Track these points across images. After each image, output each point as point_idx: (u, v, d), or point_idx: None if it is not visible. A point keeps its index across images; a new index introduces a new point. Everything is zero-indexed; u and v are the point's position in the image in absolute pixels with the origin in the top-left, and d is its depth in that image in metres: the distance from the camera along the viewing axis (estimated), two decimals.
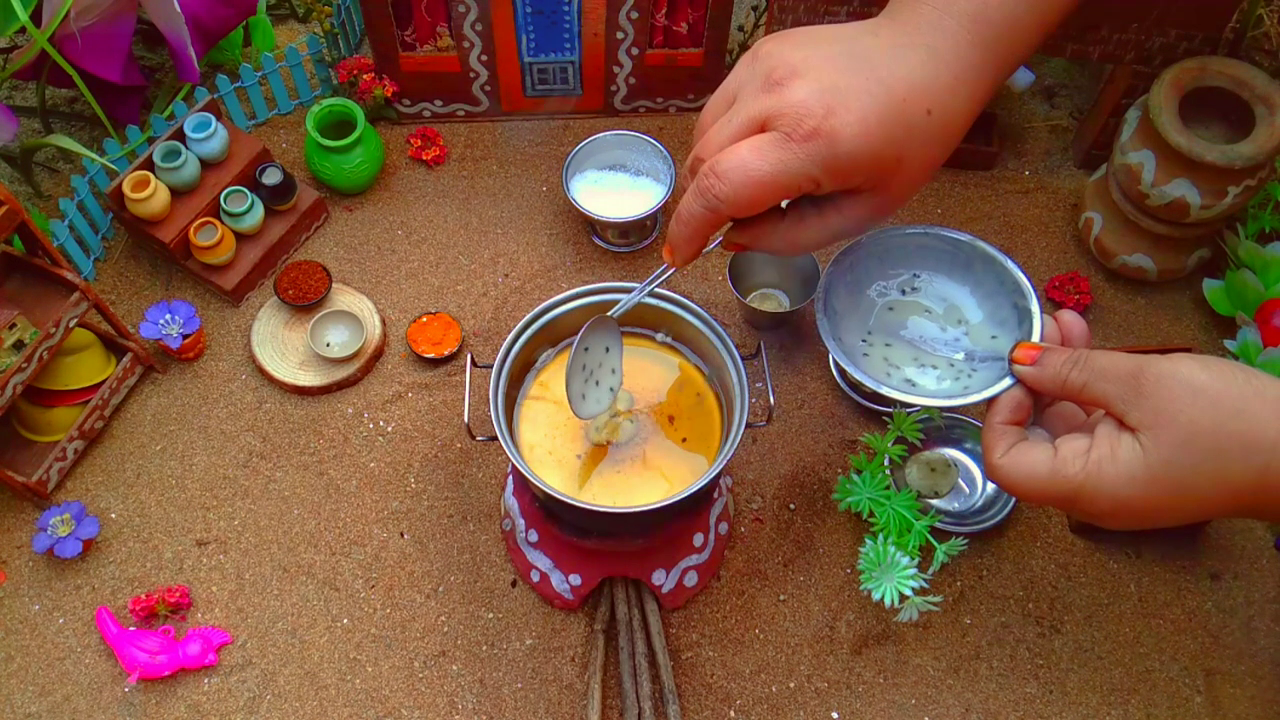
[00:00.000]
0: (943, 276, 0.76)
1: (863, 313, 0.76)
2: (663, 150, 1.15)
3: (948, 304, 0.76)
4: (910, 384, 0.72)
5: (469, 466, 1.05)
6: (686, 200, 0.67)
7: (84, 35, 1.08)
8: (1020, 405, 0.67)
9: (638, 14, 1.14)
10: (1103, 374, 0.62)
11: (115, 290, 1.15)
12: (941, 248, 0.75)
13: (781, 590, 0.99)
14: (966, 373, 0.72)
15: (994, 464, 0.65)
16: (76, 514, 0.98)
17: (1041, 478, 0.63)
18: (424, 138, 1.24)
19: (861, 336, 0.75)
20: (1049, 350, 0.66)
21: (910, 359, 0.74)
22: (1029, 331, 0.70)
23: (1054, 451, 0.63)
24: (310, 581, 0.99)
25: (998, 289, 0.74)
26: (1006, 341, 0.72)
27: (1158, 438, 0.59)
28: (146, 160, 1.10)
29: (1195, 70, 1.02)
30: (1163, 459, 0.59)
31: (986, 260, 0.74)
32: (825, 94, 0.63)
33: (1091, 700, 0.94)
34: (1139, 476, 0.59)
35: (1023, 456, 0.64)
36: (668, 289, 0.89)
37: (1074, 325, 0.69)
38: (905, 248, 0.76)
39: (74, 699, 0.94)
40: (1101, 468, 0.61)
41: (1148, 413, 0.59)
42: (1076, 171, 1.24)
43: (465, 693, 0.94)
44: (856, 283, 0.77)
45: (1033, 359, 0.66)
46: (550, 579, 0.95)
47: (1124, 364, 0.61)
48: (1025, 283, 0.72)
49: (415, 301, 1.15)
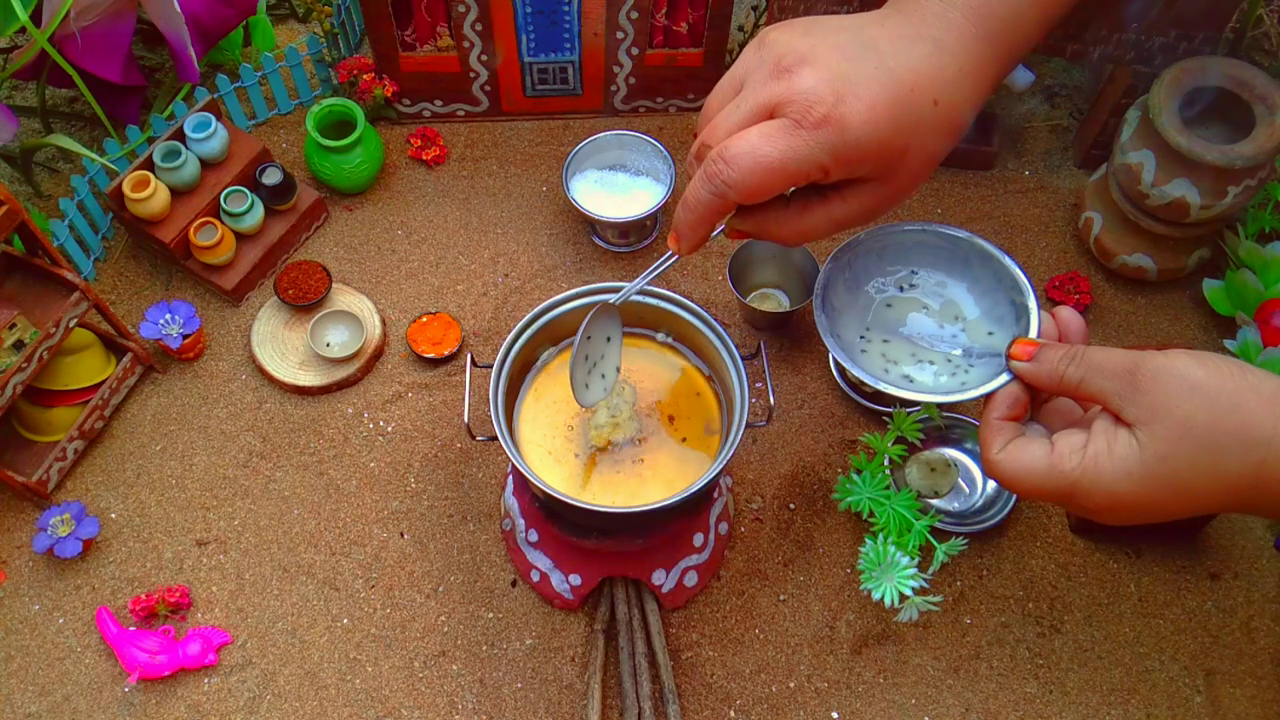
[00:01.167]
0: (940, 273, 0.77)
1: (860, 309, 0.77)
2: (663, 150, 1.15)
3: (945, 300, 0.76)
4: (908, 380, 0.73)
5: (469, 466, 1.05)
6: (693, 186, 0.67)
7: (84, 35, 1.08)
8: (1017, 401, 0.67)
9: (638, 14, 1.14)
10: (1099, 369, 0.62)
11: (115, 290, 1.15)
12: (939, 245, 0.76)
13: (781, 590, 0.99)
14: (964, 369, 0.72)
15: (991, 459, 0.65)
16: (76, 514, 0.98)
17: (1038, 473, 0.63)
18: (424, 138, 1.24)
19: (860, 333, 0.75)
20: (1046, 346, 0.66)
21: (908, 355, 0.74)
22: (1026, 328, 0.70)
23: (1051, 447, 0.63)
24: (310, 581, 0.99)
25: (995, 286, 0.74)
26: (1003, 338, 0.72)
27: (1154, 433, 0.59)
28: (146, 160, 1.10)
29: (1195, 70, 1.02)
30: (1159, 454, 0.59)
31: (984, 257, 0.74)
32: (835, 81, 0.63)
33: (1091, 700, 0.94)
34: (1135, 472, 0.60)
35: (1020, 452, 0.64)
36: (668, 289, 0.89)
37: (1071, 321, 0.69)
38: (903, 244, 0.77)
39: (74, 699, 0.94)
40: (1098, 463, 0.61)
41: (1144, 408, 0.59)
42: (1076, 171, 1.24)
43: (465, 693, 0.94)
44: (854, 279, 0.77)
45: (1029, 355, 0.67)
46: (550, 579, 0.95)
47: (1120, 359, 0.61)
48: (1023, 279, 0.73)
49: (415, 301, 1.15)
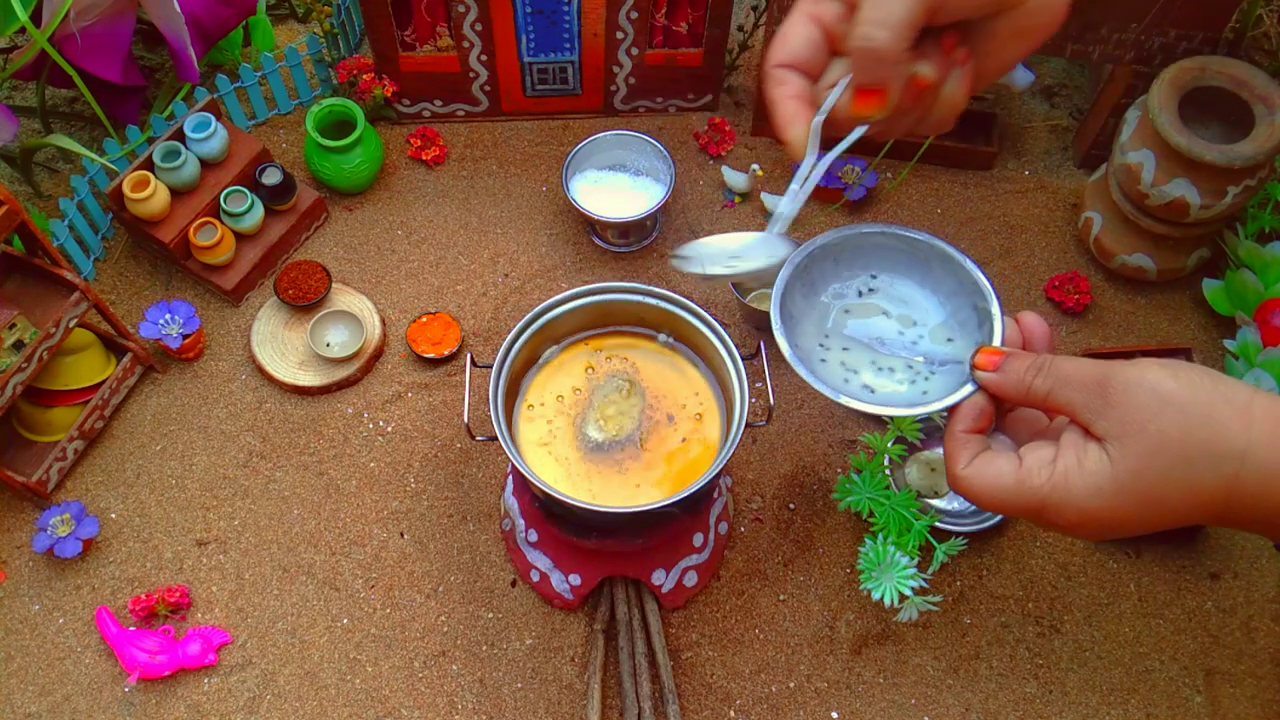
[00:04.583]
0: (901, 277, 0.74)
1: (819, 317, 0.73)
2: (663, 150, 1.15)
3: (906, 305, 0.74)
4: (869, 390, 0.71)
5: (469, 466, 1.05)
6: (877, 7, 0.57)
7: (84, 35, 1.08)
8: (983, 413, 0.65)
9: (638, 14, 1.14)
10: (1067, 381, 0.60)
11: (115, 290, 1.15)
12: (899, 247, 0.73)
13: (781, 590, 0.99)
14: (924, 375, 0.70)
15: (957, 474, 0.63)
16: (76, 514, 0.98)
17: (1006, 489, 0.61)
18: (424, 138, 1.24)
19: (819, 341, 0.73)
20: (1011, 356, 0.64)
21: (868, 362, 0.72)
22: (990, 334, 0.67)
23: (1019, 462, 0.61)
24: (310, 581, 0.99)
25: (957, 289, 0.72)
26: (965, 344, 0.71)
27: (1125, 448, 0.57)
28: (146, 160, 1.10)
29: (1195, 70, 1.02)
30: (1130, 470, 0.57)
31: (945, 260, 0.72)
32: None
33: (1091, 700, 0.94)
34: (1106, 488, 0.58)
35: (987, 467, 0.62)
36: (668, 289, 0.89)
37: (1036, 327, 0.67)
38: (861, 248, 0.73)
39: (74, 699, 0.94)
40: (1068, 479, 0.59)
41: (1114, 422, 0.58)
42: (1076, 171, 1.24)
43: (465, 693, 0.94)
44: (811, 286, 0.74)
45: (995, 365, 0.64)
46: (550, 579, 0.95)
47: (1089, 371, 0.60)
48: (985, 283, 0.70)
49: (415, 301, 1.15)
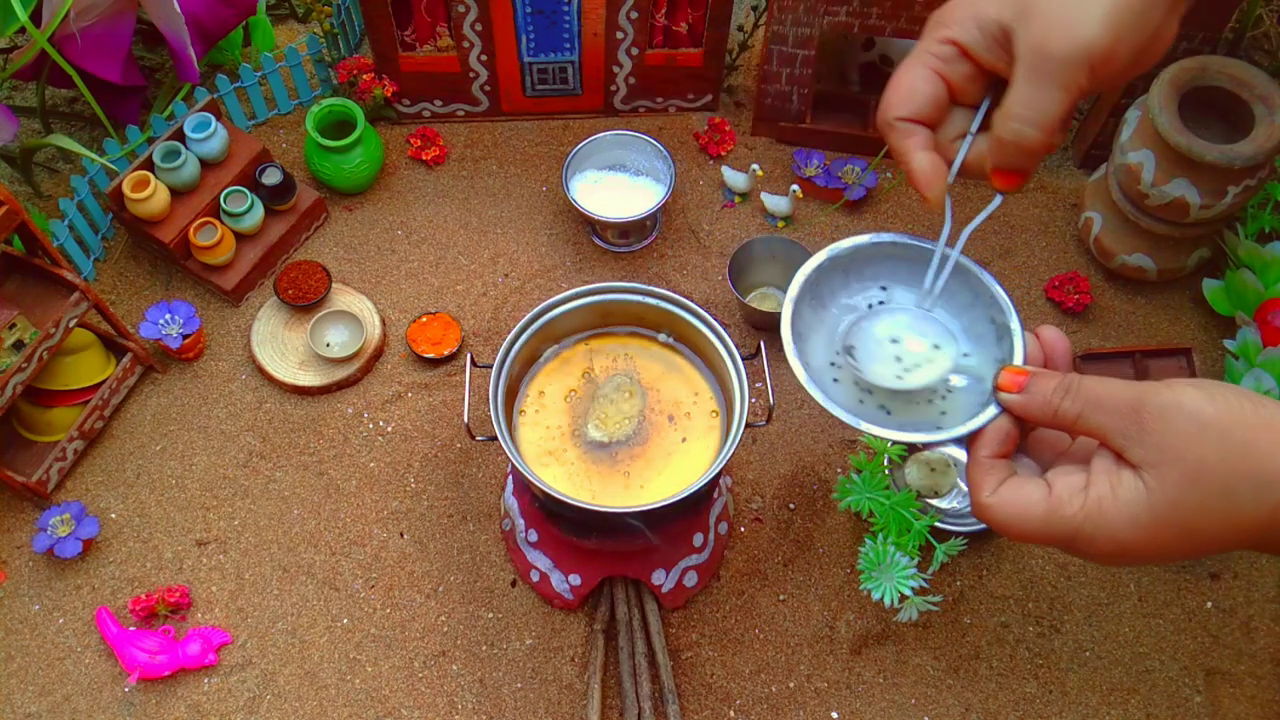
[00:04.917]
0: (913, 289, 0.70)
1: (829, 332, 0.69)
2: (663, 150, 1.15)
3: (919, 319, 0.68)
4: (885, 411, 0.66)
5: (469, 466, 1.05)
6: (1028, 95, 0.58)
7: (84, 35, 1.08)
8: (1008, 437, 0.61)
9: (638, 14, 1.14)
10: (1098, 405, 0.57)
11: (115, 290, 1.15)
12: (910, 258, 0.69)
13: (781, 590, 0.99)
14: (941, 394, 0.66)
15: (983, 503, 0.59)
16: (76, 514, 0.98)
17: (1036, 518, 0.58)
18: (424, 138, 1.24)
19: (830, 359, 0.68)
20: (1036, 376, 0.60)
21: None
22: (1009, 350, 0.64)
23: (1048, 489, 0.58)
24: (310, 581, 0.99)
25: (973, 302, 0.68)
26: (981, 360, 0.67)
27: (1163, 476, 0.54)
28: (146, 160, 1.10)
29: (1195, 70, 1.02)
30: (1168, 499, 0.54)
31: (960, 271, 0.68)
32: None
33: (1091, 700, 0.94)
34: (1143, 518, 0.55)
35: (1014, 495, 0.59)
36: (668, 289, 0.89)
37: (1057, 343, 0.63)
38: (871, 259, 0.70)
39: (74, 699, 0.94)
40: (1102, 507, 0.56)
41: (1151, 449, 0.55)
42: (1076, 171, 1.24)
43: (465, 693, 0.94)
44: (819, 299, 0.70)
45: (1020, 386, 0.60)
46: (550, 579, 0.95)
47: (1121, 394, 0.56)
48: (1003, 296, 0.66)
49: (415, 301, 1.15)
